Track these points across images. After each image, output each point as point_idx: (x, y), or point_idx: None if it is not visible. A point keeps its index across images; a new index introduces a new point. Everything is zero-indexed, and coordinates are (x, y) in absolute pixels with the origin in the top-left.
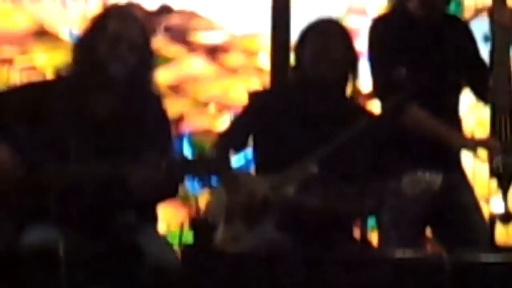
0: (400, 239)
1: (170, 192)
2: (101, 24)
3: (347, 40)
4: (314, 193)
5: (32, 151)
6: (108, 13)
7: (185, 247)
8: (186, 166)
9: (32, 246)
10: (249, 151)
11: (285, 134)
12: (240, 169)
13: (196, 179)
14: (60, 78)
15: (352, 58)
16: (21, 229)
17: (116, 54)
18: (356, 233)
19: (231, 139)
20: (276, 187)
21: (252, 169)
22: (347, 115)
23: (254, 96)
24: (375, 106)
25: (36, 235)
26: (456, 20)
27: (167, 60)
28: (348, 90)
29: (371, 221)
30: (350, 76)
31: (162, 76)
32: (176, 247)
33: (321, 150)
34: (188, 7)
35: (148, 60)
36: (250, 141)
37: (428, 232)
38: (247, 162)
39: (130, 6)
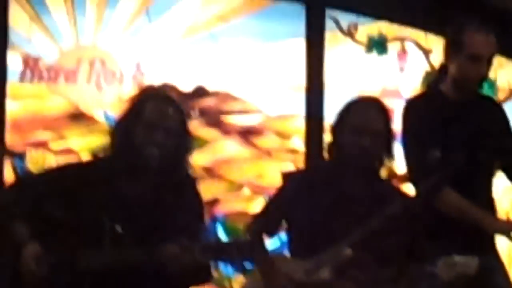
0: None
1: (203, 276)
2: (138, 108)
3: (386, 118)
4: (349, 277)
5: (67, 235)
6: (145, 96)
7: None
8: (219, 250)
9: None
10: (284, 234)
11: (320, 216)
12: (275, 252)
13: (230, 263)
14: (96, 161)
15: (389, 136)
16: None
17: (152, 139)
18: None
19: (265, 222)
20: (311, 270)
21: (287, 252)
22: (382, 197)
23: (288, 178)
24: (409, 189)
25: None
26: (489, 101)
27: (201, 143)
28: (384, 171)
29: None
30: (386, 156)
31: (197, 159)
32: None
33: (356, 233)
34: (222, 89)
35: (185, 144)
36: (285, 224)
37: None
38: (282, 244)
39: (165, 88)
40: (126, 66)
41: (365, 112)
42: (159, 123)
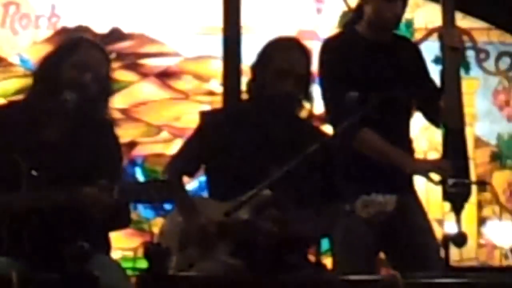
0: (354, 262)
1: (123, 219)
2: (66, 53)
3: (307, 60)
4: (268, 217)
5: None
6: (76, 42)
7: (139, 274)
8: (138, 191)
9: None
10: (202, 175)
11: (239, 156)
12: (194, 193)
13: (149, 204)
14: (13, 104)
15: (309, 78)
16: None
17: (73, 83)
18: (311, 257)
19: (184, 162)
20: (230, 211)
21: (206, 194)
22: (301, 137)
23: (205, 117)
24: (327, 129)
25: None
26: (406, 42)
27: (119, 86)
28: (303, 112)
29: (325, 245)
30: (306, 98)
31: (114, 102)
32: (130, 274)
33: (275, 173)
34: (138, 31)
35: (106, 88)
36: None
37: (382, 255)
38: (201, 186)
39: (80, 30)
40: (41, 9)
41: (288, 55)
42: (88, 67)
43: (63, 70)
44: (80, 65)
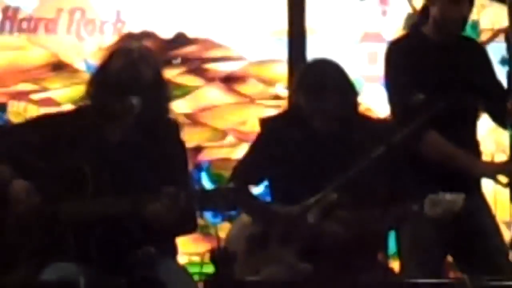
0: (421, 265)
1: (189, 225)
2: (107, 65)
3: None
4: (335, 219)
5: (49, 184)
6: (115, 54)
7: (206, 279)
8: (205, 198)
9: (53, 282)
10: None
11: (301, 160)
12: (260, 198)
13: (216, 211)
14: (77, 110)
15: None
16: (40, 266)
17: (122, 95)
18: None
19: (249, 169)
20: (296, 216)
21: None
22: (366, 139)
23: (265, 124)
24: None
25: (56, 272)
26: (472, 43)
27: (184, 90)
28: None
29: (392, 248)
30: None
31: (180, 107)
32: (197, 279)
33: (341, 176)
34: (203, 36)
35: (162, 93)
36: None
37: (451, 258)
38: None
39: (145, 35)
40: (106, 14)
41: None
42: (126, 79)
43: (106, 86)
44: (116, 80)
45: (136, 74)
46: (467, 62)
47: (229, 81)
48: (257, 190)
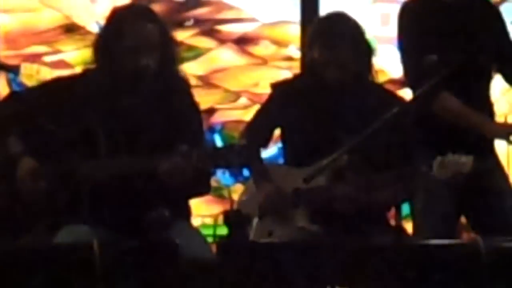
0: (434, 226)
1: (202, 186)
2: (115, 30)
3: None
4: (346, 182)
5: (62, 146)
6: (121, 15)
7: (219, 241)
8: (216, 156)
9: (66, 244)
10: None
11: (313, 124)
12: (270, 160)
13: (228, 169)
14: (89, 73)
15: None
16: (54, 228)
17: (135, 58)
18: (391, 221)
19: (257, 132)
20: (308, 178)
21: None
22: (377, 102)
23: (276, 88)
24: (406, 93)
25: (69, 234)
26: (485, 4)
27: (197, 52)
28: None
29: (405, 210)
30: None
31: (192, 68)
32: (210, 241)
33: (352, 139)
34: None
35: (168, 52)
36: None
37: (464, 219)
38: (280, 152)
39: None
40: None
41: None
42: (140, 45)
43: (116, 50)
44: (130, 47)
45: (143, 33)
46: (480, 23)
47: (242, 42)
48: (270, 151)
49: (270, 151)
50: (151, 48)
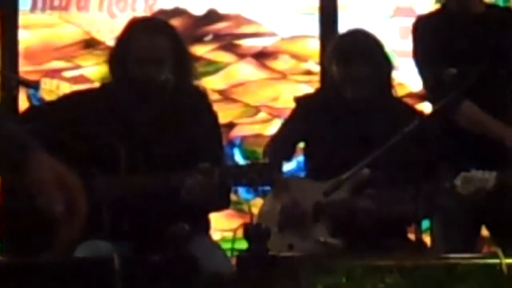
0: (453, 240)
1: (223, 201)
2: (126, 42)
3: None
4: (367, 197)
5: (81, 161)
6: (132, 28)
7: (239, 254)
8: (239, 174)
9: (87, 259)
10: (300, 156)
11: (335, 137)
12: (291, 174)
13: (249, 186)
14: (106, 87)
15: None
16: (74, 244)
17: (144, 72)
18: (411, 235)
19: (281, 145)
20: (328, 191)
21: (304, 174)
22: (397, 116)
23: (300, 101)
24: (426, 107)
25: (90, 249)
26: (501, 12)
27: (216, 67)
28: (397, 90)
29: (425, 223)
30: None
31: (212, 83)
32: (230, 255)
33: (373, 153)
34: (234, 12)
35: (185, 69)
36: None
37: (486, 232)
38: (299, 166)
39: (177, 12)
40: None
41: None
42: (146, 57)
43: (127, 62)
44: (137, 56)
45: (149, 46)
46: (497, 32)
47: (261, 57)
48: (289, 166)
49: (289, 165)
50: (158, 61)
